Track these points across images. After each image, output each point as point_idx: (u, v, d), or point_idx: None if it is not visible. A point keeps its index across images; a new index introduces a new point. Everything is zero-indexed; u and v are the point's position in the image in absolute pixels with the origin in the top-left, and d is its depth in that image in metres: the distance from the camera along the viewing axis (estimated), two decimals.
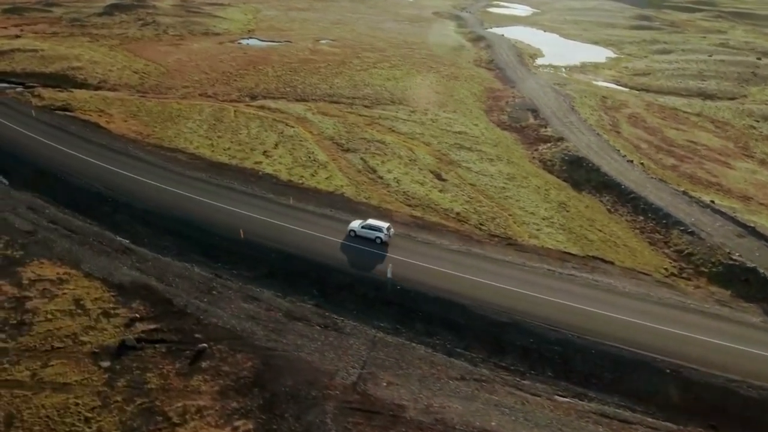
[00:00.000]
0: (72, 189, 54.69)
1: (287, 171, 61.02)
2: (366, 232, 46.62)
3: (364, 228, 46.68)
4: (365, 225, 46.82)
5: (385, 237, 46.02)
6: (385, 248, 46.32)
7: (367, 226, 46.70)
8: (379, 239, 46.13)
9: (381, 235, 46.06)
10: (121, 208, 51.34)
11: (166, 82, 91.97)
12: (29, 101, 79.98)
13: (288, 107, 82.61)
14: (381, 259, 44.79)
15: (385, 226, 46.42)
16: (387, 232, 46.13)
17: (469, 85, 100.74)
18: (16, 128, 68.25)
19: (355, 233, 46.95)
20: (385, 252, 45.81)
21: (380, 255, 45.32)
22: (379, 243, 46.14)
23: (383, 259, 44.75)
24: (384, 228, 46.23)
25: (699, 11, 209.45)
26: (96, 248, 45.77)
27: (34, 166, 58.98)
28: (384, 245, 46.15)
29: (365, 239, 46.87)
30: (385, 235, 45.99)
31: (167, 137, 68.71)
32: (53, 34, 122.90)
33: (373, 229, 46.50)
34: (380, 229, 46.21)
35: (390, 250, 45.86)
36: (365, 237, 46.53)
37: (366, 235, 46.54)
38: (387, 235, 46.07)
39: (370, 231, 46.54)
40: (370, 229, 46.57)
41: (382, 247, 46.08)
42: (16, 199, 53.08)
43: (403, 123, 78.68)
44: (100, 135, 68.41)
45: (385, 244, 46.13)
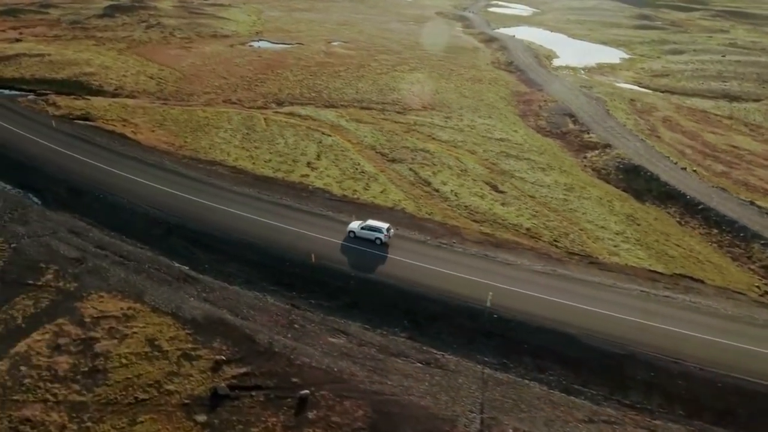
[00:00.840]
0: (114, 209, 50.06)
1: (338, 185, 57.05)
2: (366, 233, 45.13)
3: (364, 229, 45.18)
4: (365, 226, 45.27)
5: (385, 238, 44.57)
6: (385, 249, 44.31)
7: (367, 227, 45.14)
8: (379, 240, 44.65)
9: (381, 236, 44.59)
10: (173, 231, 46.88)
11: (186, 88, 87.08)
12: (45, 110, 74.76)
13: (319, 114, 78.44)
14: (476, 286, 41.09)
15: (384, 227, 44.93)
16: (387, 233, 44.66)
17: (495, 89, 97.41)
18: (39, 141, 63.17)
19: (355, 234, 45.46)
20: (386, 253, 43.48)
21: (470, 279, 41.66)
22: (379, 244, 44.56)
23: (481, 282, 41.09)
24: (384, 229, 44.72)
25: (695, 10, 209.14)
26: (155, 277, 41.40)
27: (67, 183, 54.16)
28: (384, 246, 44.52)
29: (366, 240, 45.32)
30: (384, 236, 44.51)
31: (202, 149, 64.18)
32: (55, 37, 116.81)
33: (372, 230, 44.98)
34: (380, 230, 44.74)
35: (477, 274, 42.22)
36: (365, 238, 44.98)
37: (366, 236, 45.05)
38: (387, 236, 44.63)
39: (370, 232, 45.04)
40: (370, 230, 45.05)
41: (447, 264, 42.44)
42: (54, 221, 48.33)
43: (441, 130, 75.07)
44: (130, 147, 63.61)
45: (385, 245, 44.51)
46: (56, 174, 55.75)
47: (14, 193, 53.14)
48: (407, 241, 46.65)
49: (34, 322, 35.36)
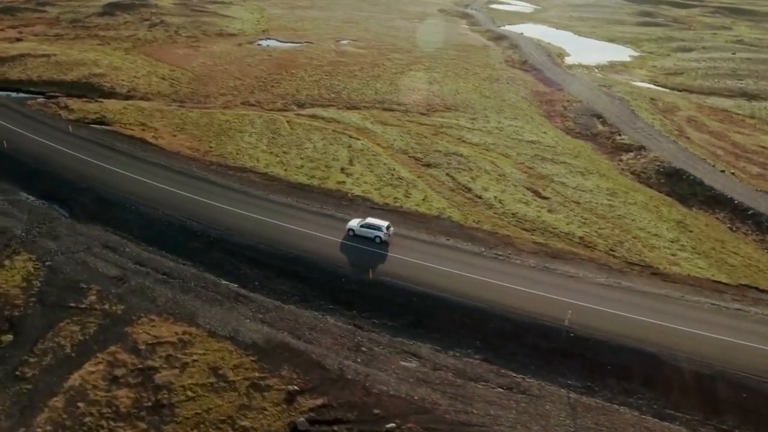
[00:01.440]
0: (147, 220, 47.14)
1: (377, 192, 54.57)
2: (365, 231, 44.18)
3: (363, 227, 44.26)
4: (364, 224, 44.39)
5: (385, 236, 43.65)
6: (385, 248, 43.10)
7: (367, 225, 44.26)
8: (378, 238, 43.67)
9: (380, 234, 43.64)
10: (215, 244, 44.08)
11: (201, 90, 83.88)
12: (57, 113, 71.34)
13: (342, 116, 75.76)
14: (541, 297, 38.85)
15: (384, 225, 44.01)
16: (387, 231, 43.73)
17: (515, 88, 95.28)
18: (57, 147, 59.90)
19: (354, 232, 44.47)
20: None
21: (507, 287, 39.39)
22: (378, 242, 43.59)
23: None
24: (383, 227, 43.76)
25: (694, 7, 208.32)
26: (204, 296, 38.71)
27: (93, 192, 51.09)
28: (384, 244, 43.59)
29: (365, 239, 44.35)
30: (384, 234, 43.60)
31: (229, 154, 61.31)
32: (57, 36, 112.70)
33: (372, 228, 44.04)
34: (380, 228, 43.78)
35: (541, 288, 40.04)
36: (364, 236, 43.97)
37: (365, 234, 44.07)
38: (387, 234, 43.74)
39: (370, 230, 44.10)
40: (370, 228, 44.11)
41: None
42: (85, 235, 45.36)
43: (469, 132, 72.80)
44: (154, 153, 60.59)
45: (385, 244, 43.55)
46: (80, 182, 52.63)
47: (38, 205, 49.97)
48: (463, 254, 44.33)
49: (84, 351, 32.56)
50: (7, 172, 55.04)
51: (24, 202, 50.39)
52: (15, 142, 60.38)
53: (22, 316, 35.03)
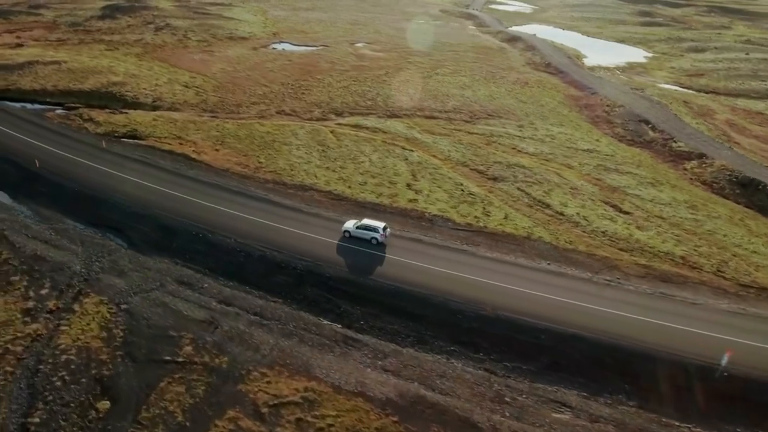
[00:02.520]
0: (221, 251, 42.19)
1: (454, 210, 50.40)
2: (361, 233, 42.93)
3: (360, 228, 43.03)
4: (360, 225, 43.18)
5: (382, 238, 42.46)
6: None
7: (363, 227, 43.01)
8: (375, 240, 42.47)
9: (377, 235, 42.42)
10: (305, 277, 39.36)
11: (229, 98, 78.47)
12: (83, 127, 65.49)
13: (385, 125, 71.30)
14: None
15: (380, 226, 42.77)
16: (383, 233, 42.48)
17: (548, 93, 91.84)
18: (95, 165, 54.40)
19: (350, 234, 43.26)
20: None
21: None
22: (375, 244, 42.35)
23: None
24: (379, 228, 42.53)
25: (687, 6, 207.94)
26: (309, 341, 34.13)
27: (149, 218, 45.84)
28: (381, 246, 42.39)
29: (362, 240, 43.09)
30: (381, 235, 42.38)
31: (282, 170, 56.46)
32: (59, 41, 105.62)
33: (368, 229, 42.80)
34: (376, 230, 42.53)
35: (669, 319, 36.49)
36: (360, 238, 42.77)
37: (361, 235, 42.83)
38: (383, 236, 42.52)
39: (366, 231, 42.83)
40: (366, 230, 42.85)
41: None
42: (153, 269, 40.22)
43: (521, 141, 68.99)
44: (202, 171, 55.42)
45: (382, 245, 42.36)
46: (131, 207, 47.34)
47: (90, 234, 44.56)
48: (570, 280, 40.51)
49: (199, 418, 27.73)
50: (46, 196, 49.44)
51: (72, 230, 44.92)
52: (47, 161, 54.68)
53: (114, 376, 29.96)
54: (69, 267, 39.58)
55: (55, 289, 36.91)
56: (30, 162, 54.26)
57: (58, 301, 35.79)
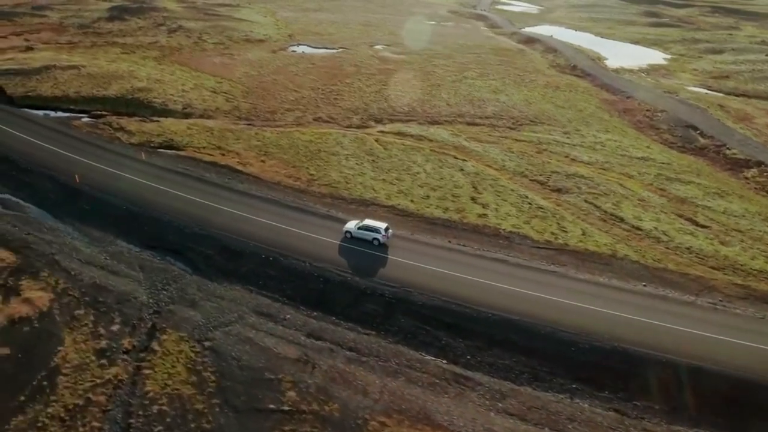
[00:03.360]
0: (295, 275, 38.67)
1: (528, 226, 47.26)
2: (363, 234, 41.56)
3: (361, 229, 41.69)
4: (362, 226, 41.83)
5: (383, 238, 41.07)
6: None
7: (364, 227, 41.68)
8: (376, 241, 41.12)
9: (379, 236, 41.08)
10: (396, 306, 35.94)
11: (261, 105, 74.69)
12: (115, 137, 61.35)
13: (429, 132, 68.06)
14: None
15: (382, 227, 41.46)
16: (385, 233, 41.16)
17: (582, 96, 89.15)
18: (138, 180, 50.50)
19: (351, 234, 41.92)
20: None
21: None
22: (376, 245, 40.98)
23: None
24: (381, 229, 41.23)
25: (690, 6, 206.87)
26: (417, 380, 30.83)
27: (212, 240, 42.12)
28: (383, 247, 40.96)
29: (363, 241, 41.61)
30: (383, 236, 41.04)
31: (337, 183, 52.97)
32: (70, 44, 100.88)
33: (369, 230, 41.45)
34: (377, 230, 41.19)
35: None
36: (362, 239, 41.37)
37: (363, 236, 41.46)
38: (385, 236, 41.17)
39: (367, 232, 41.48)
40: (367, 230, 41.50)
41: None
42: (227, 298, 36.60)
43: (572, 148, 66.15)
44: (253, 184, 51.77)
45: (384, 246, 40.98)
46: (187, 226, 43.52)
47: (148, 257, 40.69)
48: (675, 304, 37.62)
49: None
50: (91, 215, 45.45)
51: (128, 254, 41.03)
52: (86, 175, 50.69)
53: (216, 430, 26.29)
54: (135, 297, 35.81)
55: (127, 325, 33.13)
56: (68, 176, 50.21)
57: (132, 338, 32.05)
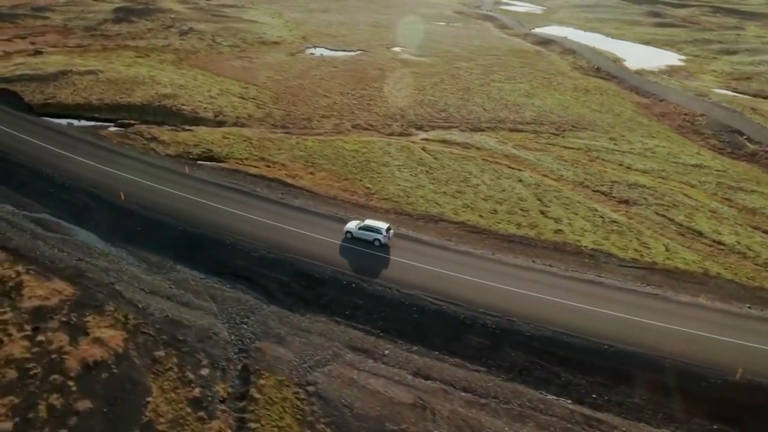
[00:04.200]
0: (384, 304, 35.35)
1: (609, 243, 44.48)
2: (363, 234, 40.37)
3: (362, 229, 40.45)
4: (363, 226, 40.57)
5: (384, 239, 39.92)
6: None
7: (365, 227, 40.45)
8: (377, 241, 39.97)
9: (380, 236, 39.93)
10: (501, 338, 32.78)
11: (294, 111, 71.02)
12: (149, 147, 57.39)
13: (474, 140, 65.03)
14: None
15: (384, 227, 40.25)
16: (386, 234, 40.03)
17: (615, 100, 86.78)
18: (187, 196, 46.69)
19: (352, 235, 40.74)
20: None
21: None
22: (378, 245, 39.82)
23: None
24: (383, 229, 40.06)
25: (690, 6, 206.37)
26: (548, 426, 28.04)
27: (283, 264, 38.64)
28: (384, 247, 39.64)
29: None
30: (384, 236, 39.87)
31: (397, 197, 49.73)
32: (80, 47, 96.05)
33: (370, 230, 40.23)
34: (379, 231, 39.97)
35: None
36: (363, 239, 40.18)
37: (363, 236, 40.28)
38: (386, 237, 40.03)
39: (368, 232, 40.26)
40: (368, 231, 40.27)
41: None
42: (314, 332, 33.35)
43: (623, 155, 63.79)
44: (309, 199, 48.31)
45: (385, 247, 39.86)
46: (255, 250, 39.95)
47: (217, 286, 37.01)
48: None
49: None
50: (145, 236, 41.58)
51: (193, 281, 37.31)
52: (130, 191, 46.65)
53: None
54: (215, 333, 32.18)
55: (216, 367, 29.55)
56: (111, 193, 46.19)
57: (225, 384, 28.48)
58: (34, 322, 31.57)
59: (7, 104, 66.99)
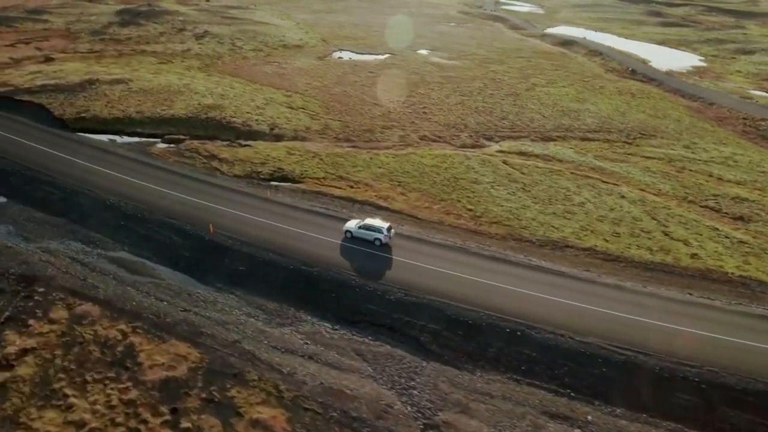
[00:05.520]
0: (561, 355, 30.46)
1: (752, 268, 40.56)
2: (363, 233, 38.62)
3: (362, 229, 38.74)
4: (363, 225, 38.86)
5: (385, 238, 38.23)
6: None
7: (365, 227, 38.66)
8: (378, 241, 38.24)
9: (380, 236, 38.18)
10: (710, 394, 28.09)
11: (350, 121, 65.51)
12: (210, 167, 51.26)
13: (551, 151, 60.62)
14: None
15: (385, 227, 38.59)
16: (387, 233, 38.36)
17: (665, 104, 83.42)
18: (282, 226, 40.89)
19: (352, 234, 39.02)
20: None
21: None
22: (378, 245, 38.11)
23: None
24: (384, 228, 38.30)
25: (685, 6, 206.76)
26: None
27: (433, 311, 33.51)
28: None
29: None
30: (385, 236, 38.17)
31: (507, 221, 44.85)
32: (93, 52, 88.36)
33: (371, 229, 38.48)
34: (380, 230, 38.27)
35: None
36: (363, 239, 38.43)
37: (364, 236, 38.49)
38: (387, 237, 38.35)
39: (368, 232, 38.53)
40: (368, 230, 38.55)
41: None
42: (498, 396, 28.60)
43: (708, 165, 60.14)
44: (417, 227, 43.07)
45: (386, 246, 38.13)
46: (389, 292, 34.40)
47: (357, 339, 31.80)
48: None
49: None
50: (253, 279, 35.80)
51: (328, 334, 32.01)
52: (212, 221, 40.40)
53: None
54: (389, 405, 26.75)
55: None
56: (194, 224, 40.07)
57: None
58: (169, 402, 25.53)
59: (36, 119, 59.72)
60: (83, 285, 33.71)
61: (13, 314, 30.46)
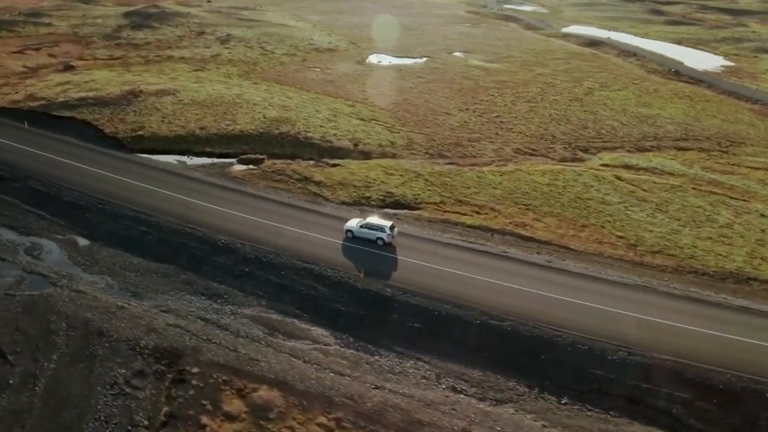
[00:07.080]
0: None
1: None
2: (365, 233, 36.80)
3: (364, 227, 36.95)
4: (365, 224, 37.07)
5: (388, 238, 36.48)
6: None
7: (367, 225, 36.86)
8: (381, 240, 36.46)
9: (383, 235, 36.39)
10: None
11: (434, 135, 59.56)
12: (311, 192, 44.42)
13: (656, 163, 56.26)
14: None
15: (387, 225, 36.72)
16: (390, 232, 36.55)
17: (729, 108, 79.77)
18: (443, 269, 34.54)
19: (353, 234, 37.13)
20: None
21: None
22: (381, 244, 36.31)
23: None
24: (386, 227, 36.47)
25: (681, 3, 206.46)
26: None
27: (676, 375, 27.51)
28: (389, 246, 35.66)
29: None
30: (387, 235, 36.38)
31: (669, 250, 39.90)
32: (116, 58, 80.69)
33: (373, 228, 36.62)
34: (382, 229, 36.47)
35: None
36: (365, 238, 36.57)
37: (366, 235, 36.66)
38: (390, 236, 36.56)
39: (371, 231, 36.68)
40: (370, 229, 36.69)
41: None
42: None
43: None
44: (577, 260, 37.61)
45: (389, 245, 36.33)
46: (608, 350, 28.67)
47: (600, 416, 25.43)
48: None
49: None
50: (436, 340, 29.33)
51: (559, 411, 25.96)
52: (366, 269, 33.89)
53: None
54: None
55: None
56: (337, 270, 33.53)
57: None
58: None
59: (84, 137, 51.90)
60: (239, 359, 26.86)
61: (174, 409, 23.36)
